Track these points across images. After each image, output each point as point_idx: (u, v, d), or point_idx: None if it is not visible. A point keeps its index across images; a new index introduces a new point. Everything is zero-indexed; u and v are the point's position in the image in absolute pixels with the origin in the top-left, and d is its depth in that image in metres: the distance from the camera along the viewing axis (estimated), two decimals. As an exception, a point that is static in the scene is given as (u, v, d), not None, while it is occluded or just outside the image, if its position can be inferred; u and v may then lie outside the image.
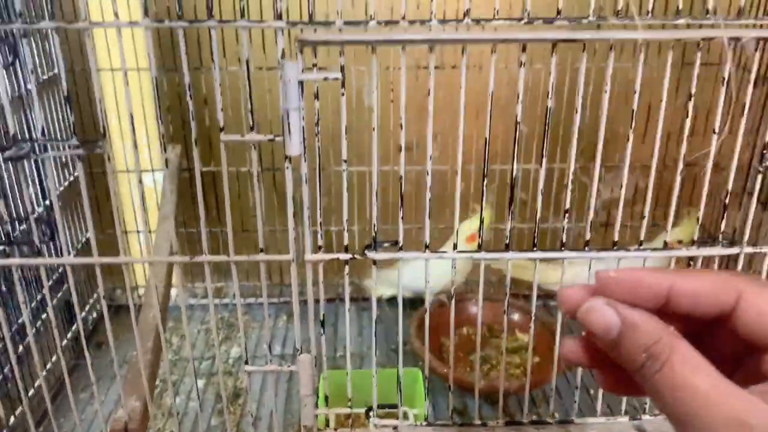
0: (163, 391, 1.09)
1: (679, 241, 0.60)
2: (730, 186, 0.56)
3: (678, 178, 0.57)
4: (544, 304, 1.36)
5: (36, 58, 1.07)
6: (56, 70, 1.12)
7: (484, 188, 0.55)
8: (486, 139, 0.53)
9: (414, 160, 1.23)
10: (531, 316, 1.12)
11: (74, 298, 0.58)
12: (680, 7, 0.51)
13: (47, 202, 1.07)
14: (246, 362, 0.60)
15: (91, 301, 1.27)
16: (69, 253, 0.56)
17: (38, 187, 1.07)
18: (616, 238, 0.59)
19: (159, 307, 0.80)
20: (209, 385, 1.13)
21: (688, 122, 0.54)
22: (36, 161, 1.03)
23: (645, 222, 0.58)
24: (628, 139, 0.55)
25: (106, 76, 1.18)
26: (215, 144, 1.26)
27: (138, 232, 1.31)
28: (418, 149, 1.22)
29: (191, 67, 1.20)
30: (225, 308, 1.35)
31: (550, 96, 0.52)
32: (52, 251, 0.93)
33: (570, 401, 1.00)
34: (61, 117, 1.16)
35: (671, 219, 0.59)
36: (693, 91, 0.53)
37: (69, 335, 1.15)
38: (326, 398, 0.64)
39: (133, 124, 0.53)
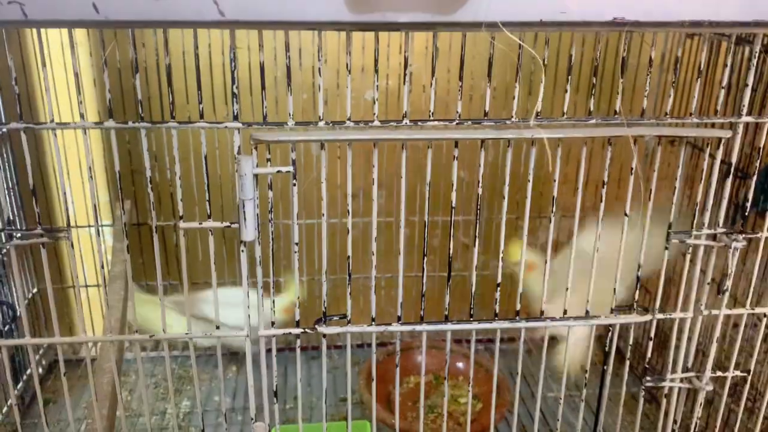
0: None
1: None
2: (642, 260, 0.63)
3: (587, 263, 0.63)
4: (485, 348, 1.42)
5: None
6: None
7: (425, 265, 0.61)
8: (425, 222, 0.59)
9: (360, 212, 1.29)
10: (476, 365, 1.18)
11: (36, 383, 0.60)
12: (591, 109, 0.58)
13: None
14: (203, 430, 0.63)
15: (37, 357, 1.27)
16: (30, 334, 0.59)
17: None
18: (544, 308, 0.65)
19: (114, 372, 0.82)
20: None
21: (602, 207, 0.60)
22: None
23: (567, 293, 0.65)
24: (550, 221, 0.61)
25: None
26: (164, 199, 1.29)
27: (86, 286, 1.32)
28: (365, 198, 1.27)
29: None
30: (174, 360, 1.36)
31: (479, 184, 0.58)
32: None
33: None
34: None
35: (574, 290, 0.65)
36: (606, 179, 0.60)
37: (15, 392, 1.15)
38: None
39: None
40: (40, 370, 1.27)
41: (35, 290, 1.23)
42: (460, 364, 1.24)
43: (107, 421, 0.76)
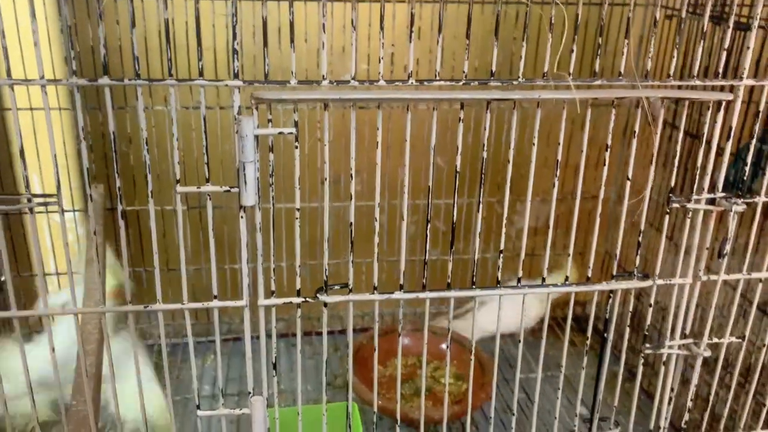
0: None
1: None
2: (642, 226, 0.63)
3: (596, 234, 0.63)
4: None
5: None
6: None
7: (428, 233, 0.60)
8: (429, 187, 0.58)
9: (341, 196, 1.27)
10: (459, 345, 1.17)
11: (23, 359, 0.57)
12: (597, 70, 0.57)
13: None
14: (198, 407, 0.61)
15: (6, 348, 1.22)
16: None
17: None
18: (545, 274, 0.64)
19: (96, 355, 0.79)
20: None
21: (605, 170, 0.60)
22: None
23: (570, 259, 0.64)
24: (553, 186, 0.61)
25: (24, 115, 1.15)
26: (139, 182, 1.25)
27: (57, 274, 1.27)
28: (346, 183, 1.26)
29: (115, 106, 1.19)
30: (149, 349, 1.32)
31: (485, 148, 0.57)
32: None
33: (499, 427, 1.06)
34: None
35: (592, 254, 0.65)
36: (609, 143, 0.60)
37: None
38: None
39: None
40: (9, 361, 1.22)
41: (3, 278, 1.19)
42: (443, 346, 1.23)
43: (93, 404, 0.73)
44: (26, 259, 1.25)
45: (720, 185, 0.64)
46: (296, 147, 0.54)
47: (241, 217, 0.56)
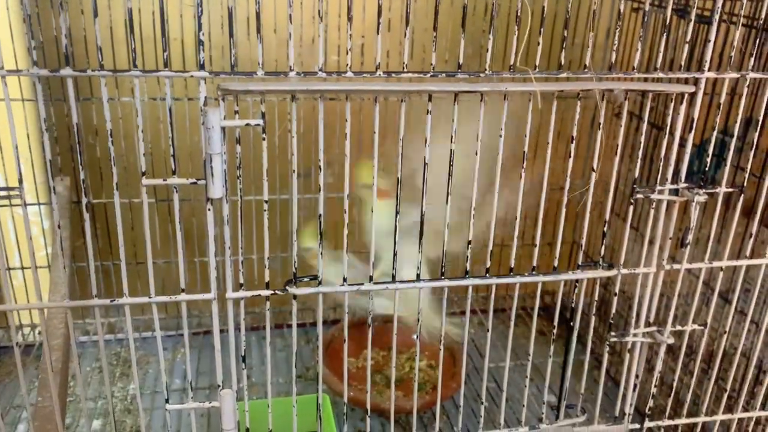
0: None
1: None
2: (607, 216, 0.64)
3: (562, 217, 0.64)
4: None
5: None
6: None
7: (397, 223, 0.60)
8: (398, 178, 0.58)
9: (312, 188, 1.27)
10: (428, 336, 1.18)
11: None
12: (562, 63, 0.58)
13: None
14: (167, 400, 0.61)
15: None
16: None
17: None
18: (512, 265, 0.65)
19: (63, 350, 0.78)
20: (107, 425, 1.09)
21: (570, 162, 0.61)
22: None
23: (536, 249, 0.65)
24: (521, 177, 0.61)
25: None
26: (106, 175, 1.23)
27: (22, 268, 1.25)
28: (316, 175, 1.26)
29: (81, 97, 1.17)
30: (119, 343, 1.31)
31: (453, 140, 0.58)
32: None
33: (469, 415, 1.07)
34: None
35: (558, 248, 0.66)
36: (574, 134, 0.60)
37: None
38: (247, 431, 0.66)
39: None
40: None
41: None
42: (414, 336, 1.24)
43: (60, 400, 0.72)
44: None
45: (683, 176, 0.65)
46: (264, 139, 0.54)
47: (209, 209, 0.55)
